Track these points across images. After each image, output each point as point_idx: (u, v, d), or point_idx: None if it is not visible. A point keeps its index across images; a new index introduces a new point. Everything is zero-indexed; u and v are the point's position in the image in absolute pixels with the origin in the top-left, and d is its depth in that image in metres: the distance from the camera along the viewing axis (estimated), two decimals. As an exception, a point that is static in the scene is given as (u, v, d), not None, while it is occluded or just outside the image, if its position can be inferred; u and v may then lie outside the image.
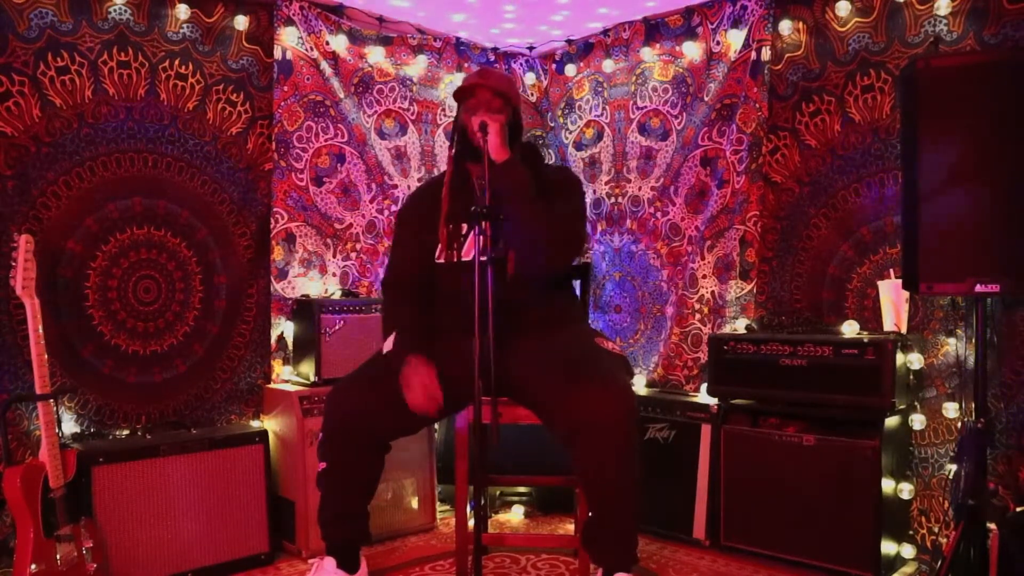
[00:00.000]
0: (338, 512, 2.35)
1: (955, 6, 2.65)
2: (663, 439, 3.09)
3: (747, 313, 3.19)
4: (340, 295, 3.24)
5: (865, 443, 2.57)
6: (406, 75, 3.59)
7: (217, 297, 3.06)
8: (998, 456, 2.53)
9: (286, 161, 3.20)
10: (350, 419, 2.29)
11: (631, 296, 3.68)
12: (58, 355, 2.65)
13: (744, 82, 3.17)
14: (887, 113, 2.84)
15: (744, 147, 3.18)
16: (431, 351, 2.32)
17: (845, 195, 2.95)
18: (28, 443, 2.56)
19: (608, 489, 2.11)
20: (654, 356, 3.53)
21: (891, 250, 2.81)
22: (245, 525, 2.78)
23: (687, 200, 3.43)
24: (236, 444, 2.79)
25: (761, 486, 2.79)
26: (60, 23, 2.67)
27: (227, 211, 3.08)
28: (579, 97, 3.87)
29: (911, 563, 2.72)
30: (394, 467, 3.02)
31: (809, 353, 2.72)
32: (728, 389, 2.93)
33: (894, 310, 2.73)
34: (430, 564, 2.82)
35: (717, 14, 3.28)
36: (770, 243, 3.17)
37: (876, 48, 2.86)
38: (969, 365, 2.52)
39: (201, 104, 2.99)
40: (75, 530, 2.33)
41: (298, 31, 3.19)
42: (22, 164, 2.60)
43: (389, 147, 3.56)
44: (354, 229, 3.43)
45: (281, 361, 3.20)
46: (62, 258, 2.69)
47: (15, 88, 2.58)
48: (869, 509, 2.55)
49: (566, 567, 2.77)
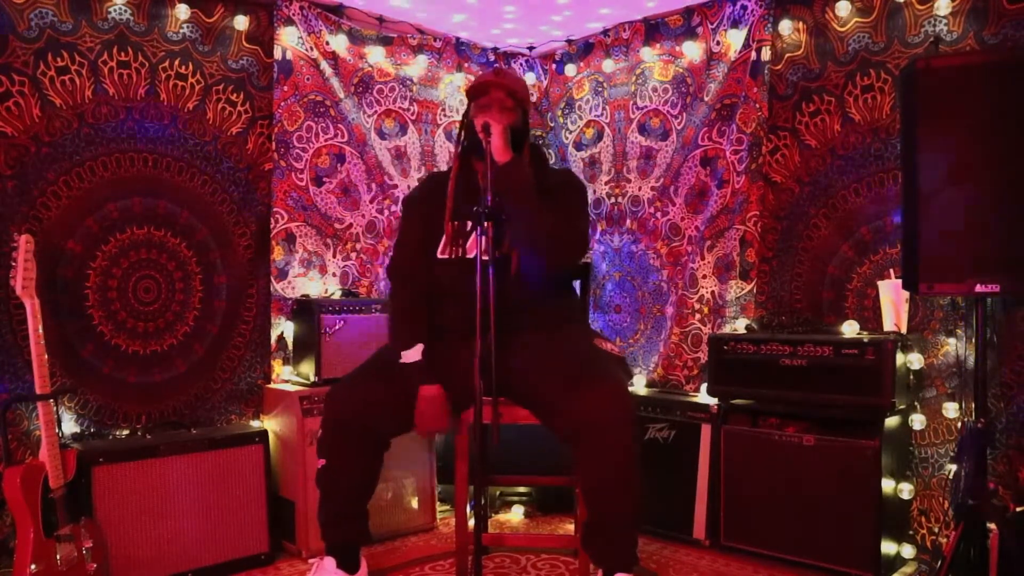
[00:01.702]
0: (337, 511, 2.35)
1: (955, 6, 2.65)
2: (663, 439, 3.09)
3: (747, 313, 3.19)
4: (340, 295, 3.24)
5: (865, 443, 2.57)
6: (406, 75, 3.59)
7: (217, 297, 3.06)
8: (998, 456, 2.53)
9: (286, 161, 3.20)
10: (350, 416, 2.29)
11: (631, 296, 3.68)
12: (58, 355, 2.65)
13: (744, 82, 3.17)
14: (887, 113, 2.84)
15: (744, 147, 3.17)
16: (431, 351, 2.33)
17: (845, 195, 2.95)
18: (28, 443, 2.56)
19: (608, 490, 2.11)
20: (654, 356, 3.53)
21: (891, 250, 2.81)
22: (245, 525, 2.78)
23: (687, 200, 3.43)
24: (236, 444, 2.79)
25: (761, 486, 2.79)
26: (60, 23, 2.67)
27: (227, 211, 3.08)
28: (579, 97, 3.87)
29: (911, 563, 2.72)
30: (394, 467, 3.02)
31: (809, 353, 2.72)
32: (728, 389, 2.93)
33: (894, 310, 2.73)
34: (430, 564, 2.82)
35: (717, 14, 3.28)
36: (770, 243, 3.17)
37: (876, 48, 2.86)
38: (969, 365, 2.52)
39: (201, 104, 2.99)
40: (75, 530, 2.33)
41: (298, 31, 3.19)
42: (22, 164, 2.60)
43: (389, 147, 3.56)
44: (354, 229, 3.43)
45: (281, 361, 3.20)
46: (62, 258, 2.69)
47: (15, 88, 2.58)
48: (869, 509, 2.55)
49: (566, 567, 2.77)
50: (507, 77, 2.43)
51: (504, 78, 2.41)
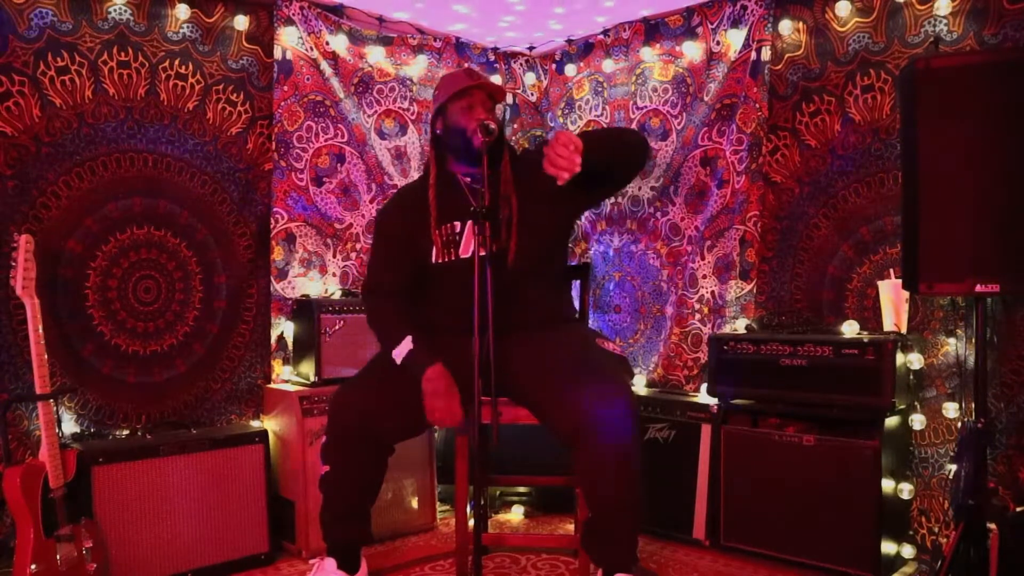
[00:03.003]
0: (340, 514, 2.35)
1: (955, 6, 2.65)
2: (663, 439, 3.09)
3: (747, 313, 3.19)
4: (340, 295, 3.24)
5: (865, 443, 2.57)
6: (406, 75, 3.59)
7: (217, 297, 3.06)
8: (998, 456, 2.53)
9: (286, 161, 3.20)
10: (354, 422, 2.27)
11: (631, 296, 3.68)
12: (58, 355, 2.65)
13: (744, 82, 3.17)
14: (887, 113, 2.84)
15: (744, 147, 3.17)
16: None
17: (845, 195, 2.95)
18: (28, 443, 2.57)
19: (608, 490, 2.10)
20: (654, 356, 3.53)
21: (891, 250, 2.81)
22: (245, 525, 2.78)
23: (687, 200, 3.43)
24: (236, 444, 2.79)
25: (761, 486, 2.79)
26: (60, 23, 2.67)
27: (227, 211, 3.08)
28: (579, 97, 3.87)
29: (911, 563, 2.72)
30: (394, 467, 2.98)
31: (809, 353, 2.72)
32: (728, 389, 2.93)
33: (894, 310, 2.73)
34: (430, 564, 2.82)
35: (717, 14, 3.28)
36: (770, 243, 3.17)
37: (876, 48, 2.86)
38: (969, 365, 2.52)
39: (201, 104, 2.99)
40: (75, 530, 2.33)
41: (298, 31, 3.19)
42: (22, 164, 2.60)
43: (389, 147, 3.56)
44: (354, 229, 3.43)
45: (281, 361, 3.20)
46: (62, 258, 2.69)
47: (15, 88, 2.58)
48: (869, 509, 2.55)
49: (566, 567, 2.77)
50: (482, 77, 2.44)
51: (480, 78, 2.41)
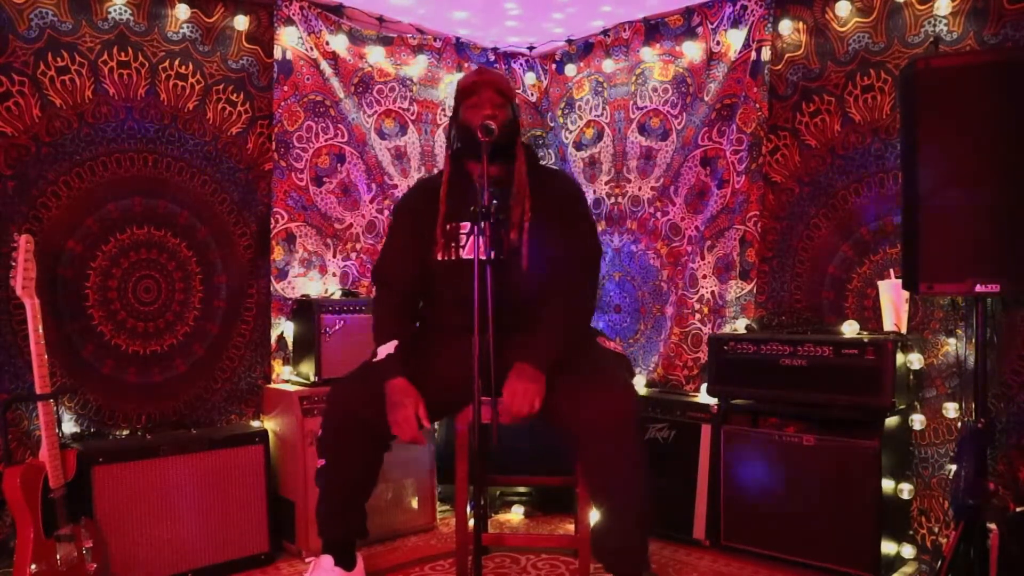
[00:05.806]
0: (335, 509, 2.36)
1: (955, 6, 2.65)
2: (663, 439, 3.09)
3: (747, 313, 3.19)
4: (340, 295, 3.24)
5: (865, 443, 2.57)
6: (406, 75, 3.59)
7: (217, 297, 3.06)
8: (998, 456, 2.53)
9: (286, 161, 3.20)
10: (350, 416, 2.28)
11: (631, 296, 3.68)
12: (58, 355, 2.65)
13: (744, 82, 3.17)
14: (887, 113, 2.84)
15: (744, 147, 3.17)
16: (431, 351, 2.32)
17: (845, 195, 2.95)
18: (28, 443, 2.56)
19: (616, 492, 2.10)
20: (654, 356, 3.53)
21: (891, 250, 2.81)
22: (245, 525, 2.78)
23: (687, 200, 3.43)
24: (236, 444, 2.79)
25: (761, 486, 2.79)
26: (60, 23, 2.67)
27: (227, 211, 3.08)
28: (579, 97, 3.87)
29: (911, 563, 2.71)
30: (394, 467, 3.02)
31: (809, 353, 2.72)
32: (728, 389, 2.93)
33: (894, 310, 2.73)
34: (430, 564, 2.82)
35: (717, 14, 3.28)
36: (770, 243, 3.17)
37: (876, 48, 2.86)
38: (969, 365, 2.52)
39: (201, 104, 2.99)
40: (75, 530, 2.33)
41: (298, 31, 3.19)
42: (22, 164, 2.60)
43: (389, 147, 3.56)
44: (354, 229, 3.43)
45: (281, 361, 3.20)
46: (62, 258, 2.69)
47: (15, 88, 2.58)
48: (869, 509, 2.55)
49: (566, 567, 2.76)
50: (492, 75, 2.44)
51: (489, 75, 2.41)
